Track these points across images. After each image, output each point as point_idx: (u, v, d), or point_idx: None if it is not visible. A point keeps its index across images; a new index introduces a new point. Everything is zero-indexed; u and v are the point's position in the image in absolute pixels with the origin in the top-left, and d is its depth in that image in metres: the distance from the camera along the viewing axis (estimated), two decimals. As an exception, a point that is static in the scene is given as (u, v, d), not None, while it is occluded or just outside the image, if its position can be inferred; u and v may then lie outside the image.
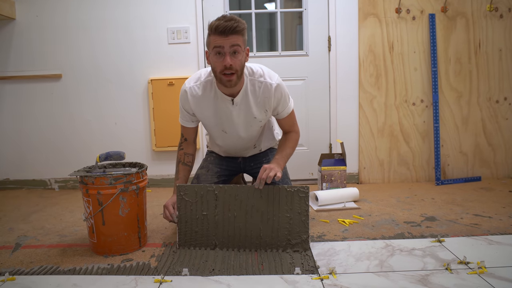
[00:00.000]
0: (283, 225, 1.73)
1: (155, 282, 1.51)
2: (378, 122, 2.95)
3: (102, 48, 2.93)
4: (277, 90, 1.80)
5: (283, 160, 1.84)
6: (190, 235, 1.77)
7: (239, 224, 1.74)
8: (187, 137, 1.97)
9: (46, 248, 1.89)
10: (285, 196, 1.73)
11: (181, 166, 1.96)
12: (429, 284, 1.43)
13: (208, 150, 2.17)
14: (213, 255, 1.72)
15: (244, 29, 1.67)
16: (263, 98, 1.81)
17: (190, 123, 1.94)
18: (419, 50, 2.89)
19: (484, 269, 1.51)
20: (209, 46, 1.69)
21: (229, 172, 2.09)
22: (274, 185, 1.71)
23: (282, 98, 1.83)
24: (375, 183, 3.00)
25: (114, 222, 1.75)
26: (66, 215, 2.40)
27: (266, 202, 1.72)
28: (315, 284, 1.46)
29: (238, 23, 1.63)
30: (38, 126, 3.02)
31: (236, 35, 1.63)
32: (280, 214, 1.72)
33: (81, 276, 1.58)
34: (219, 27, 1.61)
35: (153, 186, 3.02)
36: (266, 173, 1.69)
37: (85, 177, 1.74)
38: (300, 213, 1.72)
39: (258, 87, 1.80)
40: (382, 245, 1.80)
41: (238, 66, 1.67)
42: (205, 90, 1.83)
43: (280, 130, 2.05)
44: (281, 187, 1.73)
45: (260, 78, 1.80)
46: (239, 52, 1.66)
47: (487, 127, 2.97)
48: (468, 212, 2.24)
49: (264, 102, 1.82)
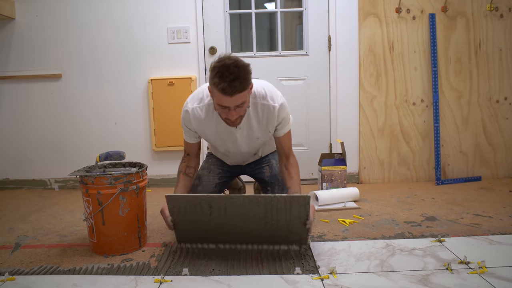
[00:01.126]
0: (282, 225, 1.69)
1: (155, 282, 1.51)
2: (378, 122, 2.95)
3: (102, 48, 2.93)
4: (280, 111, 1.75)
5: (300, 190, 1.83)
6: (187, 233, 1.76)
7: (237, 227, 1.70)
8: (190, 153, 1.93)
9: (46, 248, 1.89)
10: (284, 205, 1.61)
11: (182, 176, 1.89)
12: (430, 284, 1.43)
13: (209, 152, 2.17)
14: (213, 255, 1.71)
15: (249, 80, 1.57)
16: (266, 119, 1.77)
17: (193, 139, 1.89)
18: (419, 50, 2.89)
19: (484, 269, 1.51)
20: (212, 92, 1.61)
21: (230, 173, 2.09)
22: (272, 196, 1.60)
23: (285, 118, 1.80)
24: (375, 183, 3.00)
25: (114, 222, 1.75)
26: (66, 215, 2.40)
27: (264, 210, 1.63)
28: (315, 284, 1.46)
29: (244, 82, 1.52)
30: (38, 126, 3.02)
31: (244, 93, 1.55)
32: (279, 218, 1.64)
33: (81, 276, 1.58)
34: (225, 90, 1.51)
35: (153, 186, 3.02)
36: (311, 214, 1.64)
37: (85, 177, 1.74)
38: (300, 217, 1.64)
39: (261, 109, 1.76)
40: (382, 245, 1.80)
41: (243, 113, 1.64)
42: (207, 112, 1.77)
43: None
44: (280, 197, 1.60)
45: (263, 100, 1.75)
46: (245, 104, 1.62)
47: (487, 127, 2.97)
48: (468, 212, 2.23)
49: (267, 124, 1.78)
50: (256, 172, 2.06)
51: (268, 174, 2.03)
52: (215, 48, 2.91)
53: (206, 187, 1.98)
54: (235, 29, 3.13)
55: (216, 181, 2.02)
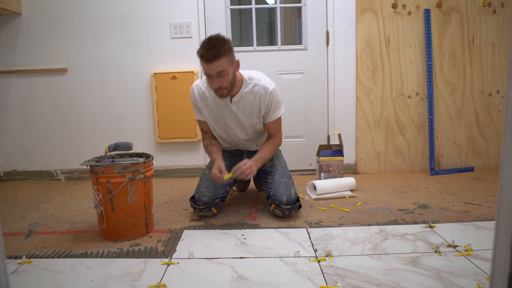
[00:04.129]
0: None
1: (162, 264, 1.61)
2: (375, 115, 3.05)
3: (107, 42, 3.01)
4: (272, 94, 2.02)
5: (259, 162, 2.05)
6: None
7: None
8: (207, 130, 2.19)
9: (58, 234, 1.99)
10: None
11: (211, 148, 2.15)
12: (419, 265, 1.53)
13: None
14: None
15: (226, 51, 1.84)
16: (259, 98, 2.02)
17: (203, 116, 2.14)
18: (414, 44, 2.97)
19: (470, 252, 1.61)
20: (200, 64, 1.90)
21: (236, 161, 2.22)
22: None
23: (276, 101, 2.06)
24: (371, 173, 3.10)
25: (122, 209, 1.85)
26: (74, 204, 2.50)
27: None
28: (312, 265, 1.57)
29: (219, 49, 1.80)
30: (44, 119, 3.11)
31: (219, 60, 1.81)
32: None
33: (93, 259, 1.69)
34: (203, 56, 1.81)
35: (157, 176, 3.12)
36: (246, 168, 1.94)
37: (95, 166, 1.84)
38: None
39: (256, 89, 2.03)
40: (376, 230, 1.90)
41: (226, 84, 1.90)
42: (208, 89, 2.05)
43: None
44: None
45: (258, 82, 2.03)
46: (225, 73, 1.86)
47: (480, 119, 3.06)
48: (459, 200, 2.34)
49: (260, 102, 2.03)
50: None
51: (269, 164, 2.16)
52: (216, 43, 2.99)
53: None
54: (235, 23, 3.20)
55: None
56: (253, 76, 2.04)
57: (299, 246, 1.75)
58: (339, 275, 1.48)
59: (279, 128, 2.15)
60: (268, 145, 2.13)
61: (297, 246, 1.75)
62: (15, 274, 1.56)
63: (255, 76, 2.04)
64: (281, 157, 2.33)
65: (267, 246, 1.76)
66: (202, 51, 1.82)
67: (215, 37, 1.84)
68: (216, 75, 1.85)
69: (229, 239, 1.85)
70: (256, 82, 2.02)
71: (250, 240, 1.83)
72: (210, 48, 1.80)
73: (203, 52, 1.81)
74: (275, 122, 2.12)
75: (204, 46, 1.82)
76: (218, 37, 1.84)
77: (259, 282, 1.44)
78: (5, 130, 3.12)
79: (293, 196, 2.08)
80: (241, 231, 1.94)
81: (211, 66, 1.83)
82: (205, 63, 1.83)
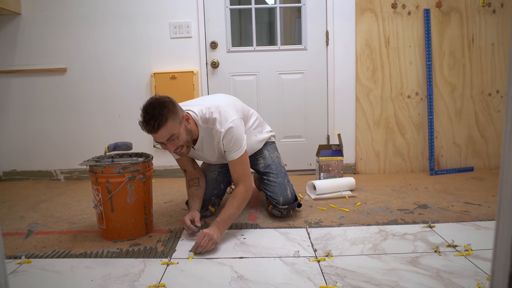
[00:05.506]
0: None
1: (162, 264, 1.61)
2: (374, 115, 3.05)
3: (106, 42, 3.01)
4: (226, 135, 1.82)
5: (224, 224, 1.79)
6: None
7: None
8: (186, 168, 2.09)
9: (57, 234, 1.99)
10: None
11: (189, 190, 2.07)
12: (419, 265, 1.53)
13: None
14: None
15: (168, 115, 1.69)
16: (216, 142, 1.88)
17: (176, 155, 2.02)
18: (414, 44, 2.97)
19: (470, 251, 1.61)
20: None
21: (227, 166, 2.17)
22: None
23: (234, 141, 1.84)
24: (371, 173, 3.10)
25: (122, 209, 1.85)
26: (74, 204, 2.50)
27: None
28: (312, 265, 1.57)
29: (159, 117, 1.66)
30: (44, 119, 3.11)
31: (163, 128, 1.69)
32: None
33: (92, 259, 1.68)
34: (145, 129, 1.71)
35: (156, 176, 3.12)
36: (204, 241, 1.67)
37: (94, 166, 1.84)
38: None
39: (212, 134, 1.87)
40: (376, 230, 1.90)
41: (181, 143, 1.78)
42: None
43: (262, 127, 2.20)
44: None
45: (212, 125, 1.85)
46: (176, 136, 1.74)
47: (480, 119, 3.06)
48: (459, 200, 2.34)
49: (218, 146, 1.89)
50: (252, 164, 2.18)
51: (263, 165, 2.15)
52: (216, 43, 3.00)
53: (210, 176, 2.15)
54: (235, 23, 3.20)
55: (218, 169, 2.19)
56: (211, 116, 1.84)
57: (299, 246, 1.75)
58: (339, 275, 1.48)
59: (243, 172, 1.88)
60: (233, 200, 1.84)
61: (297, 246, 1.75)
62: (14, 274, 1.56)
63: (213, 116, 1.84)
64: (273, 151, 2.20)
65: (266, 246, 1.76)
66: (142, 124, 1.70)
67: (151, 104, 1.69)
68: (168, 141, 1.74)
69: (229, 239, 1.85)
70: (211, 126, 1.85)
71: (250, 240, 1.83)
72: (150, 119, 1.67)
73: (144, 126, 1.70)
74: (236, 165, 1.87)
75: (143, 118, 1.69)
76: (154, 103, 1.69)
77: (258, 282, 1.44)
78: (5, 130, 3.12)
79: (290, 196, 2.07)
80: (240, 231, 1.94)
81: (158, 136, 1.72)
82: (150, 134, 1.73)
